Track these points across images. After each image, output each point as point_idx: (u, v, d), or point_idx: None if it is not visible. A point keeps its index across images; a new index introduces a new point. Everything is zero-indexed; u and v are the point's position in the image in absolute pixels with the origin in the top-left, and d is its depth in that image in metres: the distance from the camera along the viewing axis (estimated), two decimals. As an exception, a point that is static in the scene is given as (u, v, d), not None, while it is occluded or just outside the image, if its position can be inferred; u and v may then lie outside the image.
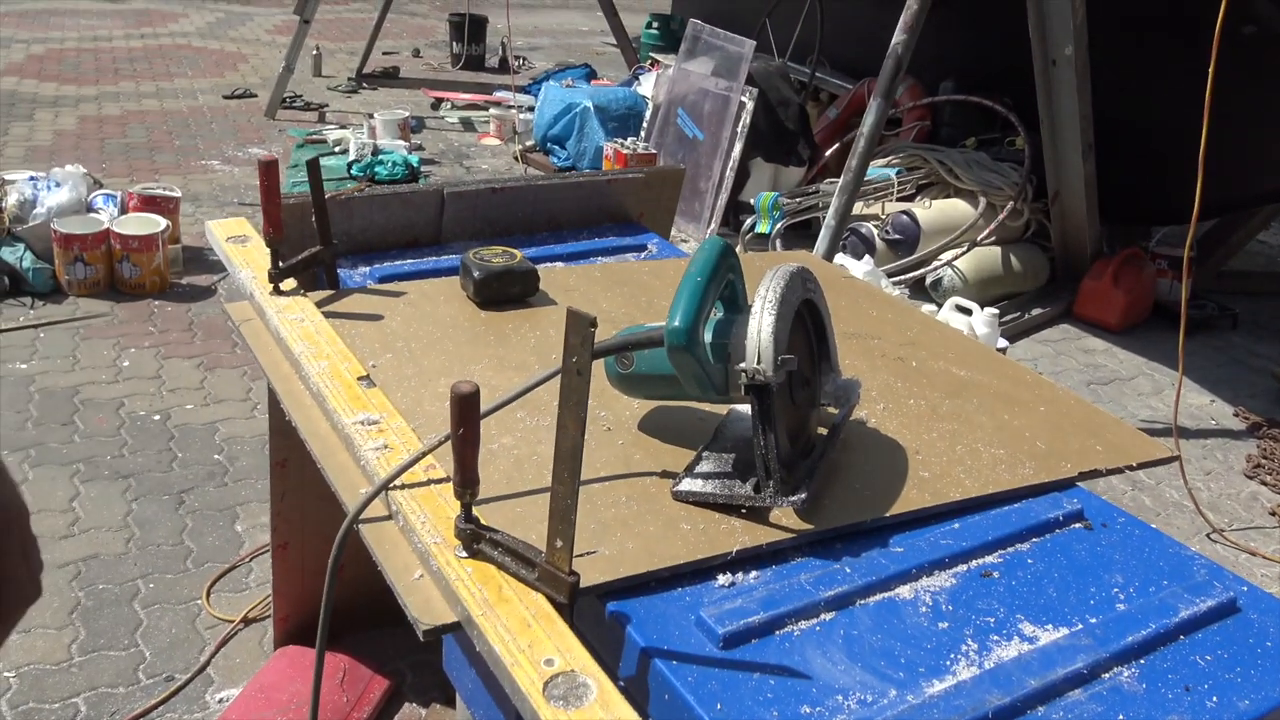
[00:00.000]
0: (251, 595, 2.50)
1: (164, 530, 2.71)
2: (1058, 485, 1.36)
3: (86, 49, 8.06)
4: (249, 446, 3.11)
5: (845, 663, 1.03)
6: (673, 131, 5.42)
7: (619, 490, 1.25)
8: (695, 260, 1.26)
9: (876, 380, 1.58)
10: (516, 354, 1.56)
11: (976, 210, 4.72)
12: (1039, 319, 4.55)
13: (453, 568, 1.05)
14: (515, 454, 1.31)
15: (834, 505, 1.24)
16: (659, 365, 1.29)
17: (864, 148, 3.64)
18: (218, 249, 1.83)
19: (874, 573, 1.15)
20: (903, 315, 1.86)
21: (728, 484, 1.23)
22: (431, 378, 1.46)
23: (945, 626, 1.09)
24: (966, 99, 5.23)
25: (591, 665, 0.93)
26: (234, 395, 3.40)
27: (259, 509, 2.78)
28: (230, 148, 5.96)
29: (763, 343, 1.17)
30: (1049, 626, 1.10)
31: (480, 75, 8.41)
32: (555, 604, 1.01)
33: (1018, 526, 1.26)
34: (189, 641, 2.35)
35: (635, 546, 1.14)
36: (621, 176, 2.21)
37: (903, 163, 5.02)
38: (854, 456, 1.35)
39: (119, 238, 3.96)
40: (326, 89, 7.46)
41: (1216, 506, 3.29)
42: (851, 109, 5.87)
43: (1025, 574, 1.19)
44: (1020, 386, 1.61)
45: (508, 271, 1.71)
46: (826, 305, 1.36)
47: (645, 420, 1.41)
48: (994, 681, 1.01)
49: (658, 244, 2.13)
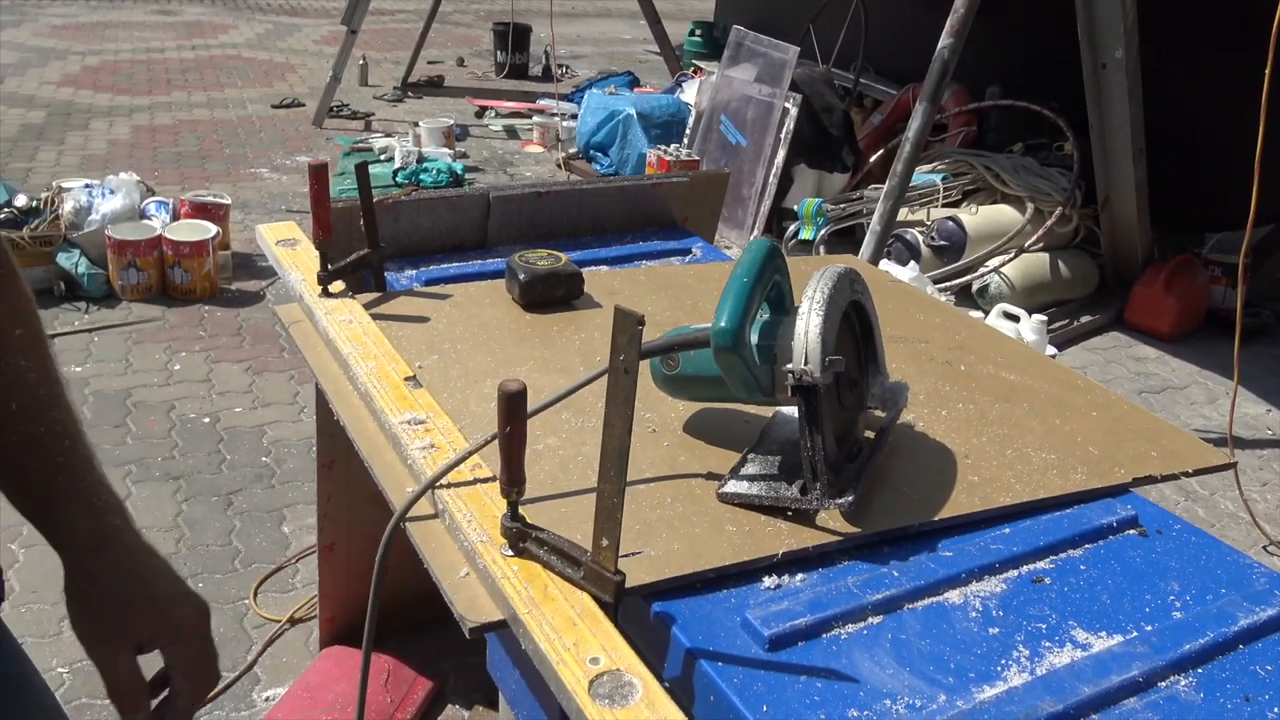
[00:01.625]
0: (298, 596, 2.53)
1: (213, 531, 2.75)
2: (1111, 491, 1.33)
3: (140, 60, 8.23)
4: (296, 449, 3.15)
5: (893, 666, 1.01)
6: (716, 138, 5.42)
7: (664, 491, 1.25)
8: (741, 262, 1.25)
9: (924, 384, 1.56)
10: (561, 356, 1.57)
11: (1024, 216, 4.66)
12: (1088, 326, 4.48)
13: (499, 566, 1.05)
14: (560, 455, 1.31)
15: (881, 509, 1.23)
16: (705, 366, 1.28)
17: (909, 153, 3.61)
18: (267, 252, 1.85)
19: (922, 577, 1.14)
20: (950, 319, 1.83)
21: (774, 486, 1.22)
22: (477, 379, 1.47)
23: (996, 632, 1.07)
24: (1013, 104, 5.17)
25: (637, 664, 0.93)
26: (281, 399, 3.45)
27: (306, 511, 2.81)
28: (278, 156, 6.05)
29: (810, 343, 1.16)
30: (1103, 633, 1.08)
31: (524, 84, 8.46)
32: (601, 603, 1.01)
33: (1070, 532, 1.24)
34: (236, 640, 2.38)
35: (681, 547, 1.14)
36: (666, 180, 2.21)
37: (948, 168, 4.97)
38: (901, 460, 1.34)
39: (170, 244, 4.04)
40: (373, 98, 7.55)
41: (1273, 518, 3.21)
42: (896, 115, 5.83)
43: (1078, 580, 1.17)
44: (1072, 391, 1.59)
45: (553, 274, 1.72)
46: (874, 307, 1.35)
47: (691, 422, 1.40)
48: (1046, 688, 0.99)
49: (702, 248, 2.13)
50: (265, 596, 2.53)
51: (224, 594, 2.53)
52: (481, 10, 11.94)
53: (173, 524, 2.77)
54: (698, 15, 9.74)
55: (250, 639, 2.39)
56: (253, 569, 2.62)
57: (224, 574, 2.60)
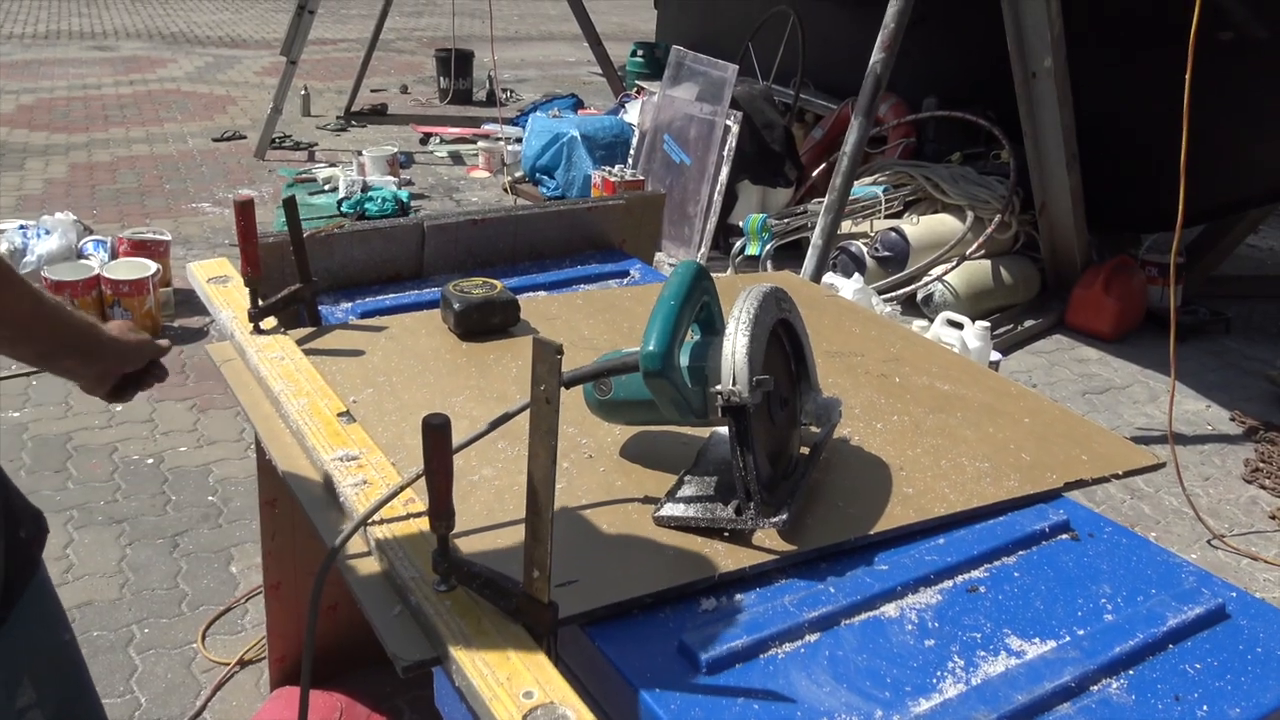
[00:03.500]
0: (247, 637, 2.48)
1: (158, 574, 2.70)
2: (1044, 496, 1.35)
3: (76, 97, 8.12)
4: (243, 487, 3.10)
5: (831, 684, 1.02)
6: (660, 158, 5.44)
7: (601, 517, 1.25)
8: (669, 285, 1.26)
9: (859, 397, 1.57)
10: (498, 384, 1.56)
11: (964, 224, 4.73)
12: (1032, 330, 4.55)
13: (430, 602, 1.04)
14: (496, 485, 1.30)
15: (817, 525, 1.23)
16: (637, 391, 1.28)
17: (847, 167, 3.66)
18: (199, 290, 1.83)
19: (859, 592, 1.14)
20: (885, 331, 1.85)
21: (709, 507, 1.22)
22: (412, 411, 1.46)
23: (931, 644, 1.08)
24: (950, 114, 5.25)
25: (571, 696, 0.92)
26: (227, 436, 3.40)
27: (254, 550, 2.76)
28: (221, 190, 5.98)
29: (737, 364, 1.17)
30: (1036, 640, 1.09)
31: (468, 109, 8.46)
32: (535, 634, 1.00)
33: (1003, 540, 1.25)
34: (185, 686, 2.33)
35: (617, 573, 1.14)
36: (602, 204, 2.21)
37: (889, 180, 5.04)
38: (837, 475, 1.35)
39: (109, 283, 3.97)
40: (315, 128, 7.50)
41: (1216, 512, 3.28)
42: (837, 129, 5.89)
43: (1012, 587, 1.18)
44: (1004, 399, 1.61)
45: (488, 302, 1.71)
46: (803, 324, 1.36)
47: (627, 446, 1.40)
48: (981, 698, 1.00)
49: (640, 269, 2.14)
50: (214, 639, 2.48)
51: (171, 638, 2.47)
52: (424, 37, 11.94)
53: (116, 569, 2.71)
54: (639, 36, 9.80)
55: (199, 683, 2.34)
56: (200, 611, 2.57)
57: (170, 618, 2.54)
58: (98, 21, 12.06)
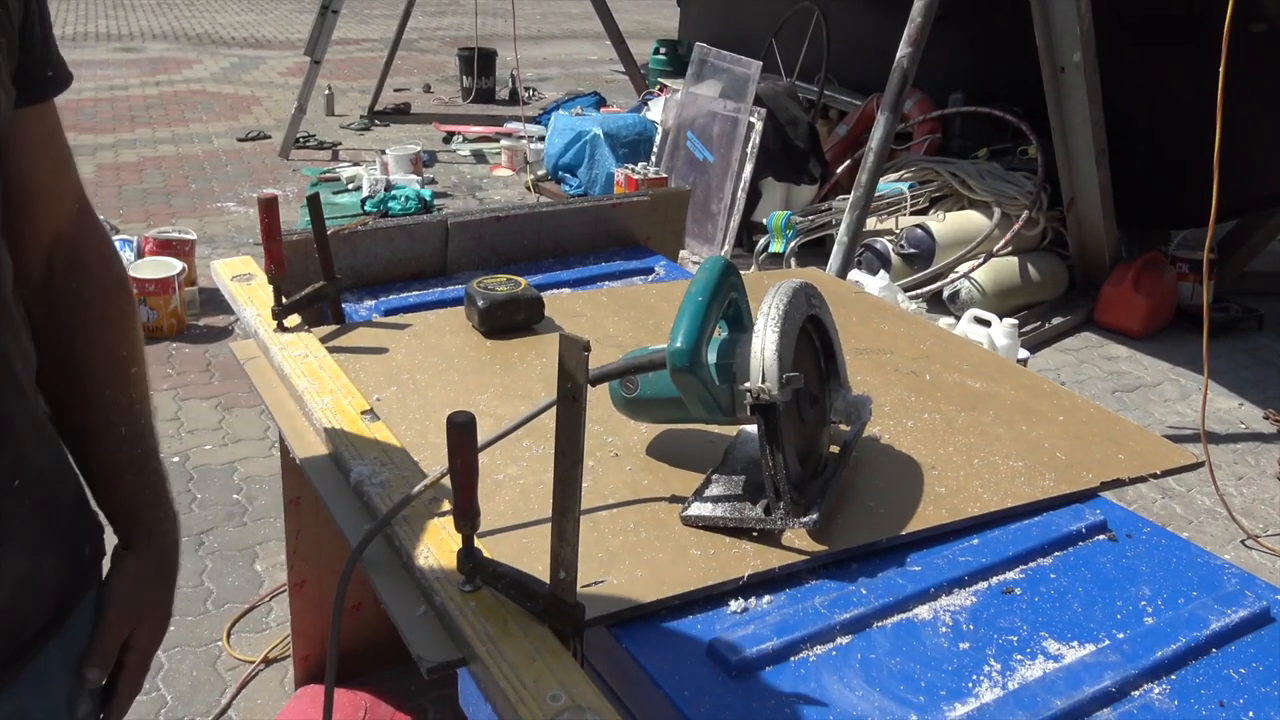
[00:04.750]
0: (272, 635, 2.48)
1: (184, 572, 2.70)
2: (1080, 496, 1.32)
3: (103, 98, 8.18)
4: (268, 485, 3.10)
5: (863, 688, 0.99)
6: (683, 155, 5.42)
7: (628, 517, 1.23)
8: (696, 280, 1.24)
9: (890, 395, 1.54)
10: (522, 382, 1.55)
11: (991, 221, 4.68)
12: (1060, 328, 4.50)
13: (455, 602, 1.02)
14: (521, 484, 1.28)
15: (848, 525, 1.21)
16: (664, 388, 1.26)
17: (873, 163, 3.62)
18: (223, 288, 1.82)
19: (891, 593, 1.12)
20: (915, 329, 1.82)
21: (738, 507, 1.20)
22: (436, 409, 1.44)
23: (966, 647, 1.06)
24: (976, 110, 5.20)
25: (598, 700, 0.90)
26: (252, 434, 3.40)
27: (278, 548, 2.76)
28: (245, 189, 6.01)
29: (766, 361, 1.14)
30: (1074, 643, 1.06)
31: (491, 108, 8.47)
32: (561, 636, 0.98)
33: (1039, 540, 1.23)
34: (210, 684, 2.33)
35: (644, 574, 1.12)
36: (626, 200, 2.19)
37: (915, 176, 4.99)
38: (867, 474, 1.32)
39: (136, 282, 3.99)
40: (339, 127, 7.53)
41: (1250, 512, 3.22)
42: (861, 125, 5.85)
43: (1048, 589, 1.15)
44: (1038, 396, 1.58)
45: (512, 300, 1.70)
46: (833, 320, 1.34)
47: (653, 445, 1.38)
48: (1018, 703, 0.97)
49: (665, 266, 2.12)
50: (239, 637, 2.49)
51: (196, 636, 2.48)
52: (447, 36, 11.97)
53: (142, 567, 2.71)
54: (662, 34, 9.78)
55: (224, 681, 2.34)
56: (225, 609, 2.57)
57: (196, 616, 2.55)
58: (124, 23, 12.16)
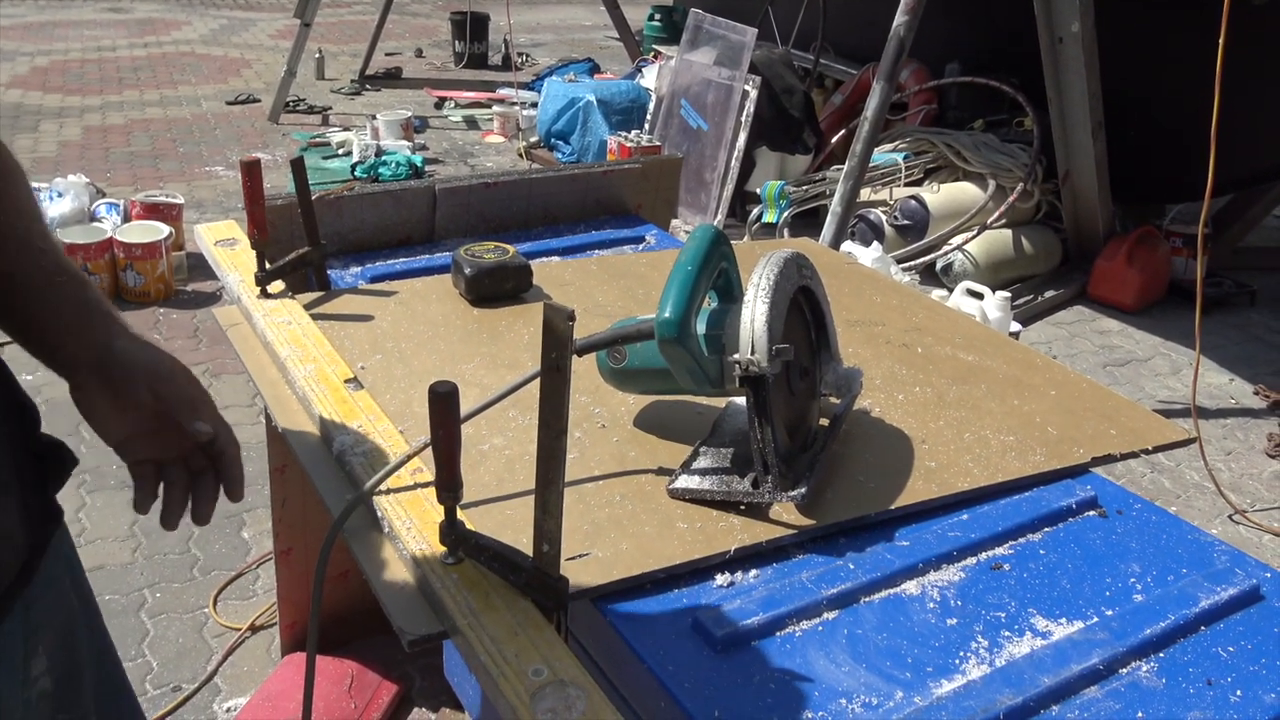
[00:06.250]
0: (259, 602, 2.48)
1: (170, 539, 2.69)
2: (1071, 472, 1.31)
3: (90, 59, 8.07)
4: (256, 452, 3.08)
5: (849, 664, 0.99)
6: (676, 123, 5.37)
7: (614, 489, 1.21)
8: (686, 249, 1.21)
9: (880, 368, 1.53)
10: (510, 351, 1.52)
11: (986, 193, 4.65)
12: (1053, 301, 4.49)
13: (438, 575, 1.01)
14: (506, 454, 1.27)
15: (836, 499, 1.20)
16: (652, 359, 1.24)
17: (868, 132, 3.58)
18: (206, 253, 1.80)
19: (879, 568, 1.11)
20: (907, 301, 1.81)
21: (725, 480, 1.19)
22: (421, 378, 1.42)
23: (954, 623, 1.05)
24: (973, 80, 5.16)
25: (581, 675, 0.89)
26: (240, 401, 3.38)
27: (266, 515, 2.74)
28: (234, 153, 5.95)
29: (756, 332, 1.12)
30: (1063, 620, 1.05)
31: (483, 73, 8.37)
32: (545, 609, 0.97)
33: (1029, 516, 1.21)
34: (196, 651, 2.33)
35: (630, 547, 1.10)
36: (618, 168, 2.16)
37: (909, 147, 4.95)
38: (857, 448, 1.31)
39: (122, 246, 3.95)
40: (330, 92, 7.44)
41: (1238, 487, 3.23)
42: (857, 95, 5.79)
43: (1037, 565, 1.14)
44: (1030, 370, 1.56)
45: (500, 267, 1.67)
46: (825, 292, 1.32)
47: (641, 416, 1.37)
48: (1006, 680, 0.96)
49: (656, 235, 2.09)
50: (225, 604, 2.48)
51: (183, 603, 2.47)
52: (439, 0, 11.80)
53: (129, 533, 2.70)
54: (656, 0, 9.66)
55: (210, 648, 2.34)
56: (212, 576, 2.56)
57: (182, 583, 2.54)
58: (112, -17, 11.97)
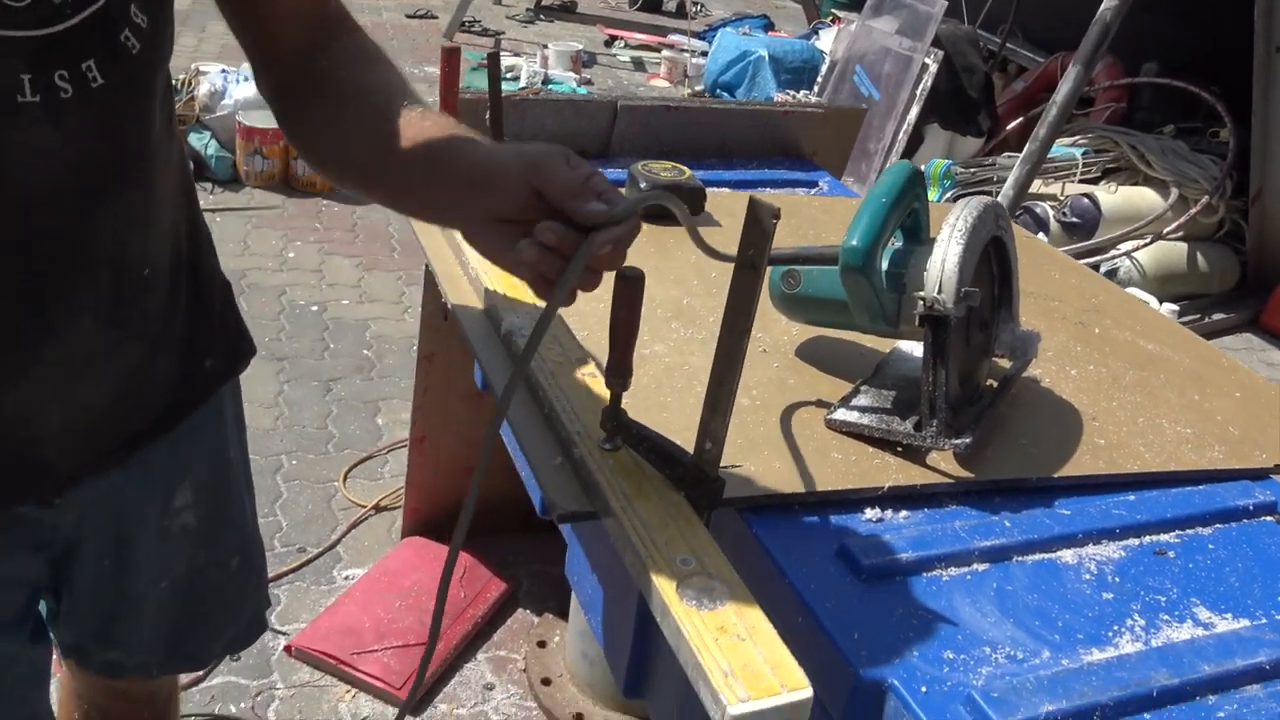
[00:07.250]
0: (385, 485, 2.57)
1: (310, 414, 2.82)
2: (1251, 474, 1.23)
3: (286, -42, 8.35)
4: (397, 346, 3.19)
5: (996, 615, 0.96)
6: (848, 89, 5.24)
7: (771, 412, 1.20)
8: (881, 182, 1.18)
9: (1054, 341, 1.47)
10: (676, 269, 1.52)
11: (1166, 202, 4.41)
12: (1220, 324, 4.24)
13: (594, 458, 1.02)
14: (666, 362, 1.27)
15: (997, 458, 1.16)
16: (829, 288, 1.22)
17: (1055, 117, 3.43)
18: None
19: (1035, 531, 1.07)
20: (1088, 281, 1.73)
21: (886, 419, 1.16)
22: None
23: (1110, 597, 1.00)
24: (1170, 83, 4.87)
25: (728, 570, 0.89)
26: (388, 297, 3.49)
27: (400, 406, 2.85)
28: (407, 65, 6.09)
29: (946, 271, 1.09)
30: (1228, 615, 1.00)
31: (657, 17, 8.32)
32: (696, 506, 0.97)
33: (1200, 509, 1.15)
34: (323, 519, 2.43)
35: (782, 467, 1.10)
36: (799, 109, 2.13)
37: (1090, 144, 4.72)
38: (1024, 413, 1.26)
39: (298, 136, 4.10)
40: (505, 17, 7.54)
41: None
42: (1040, 84, 5.54)
43: (1204, 558, 1.09)
44: (1214, 369, 1.48)
45: (675, 186, 1.67)
46: (1015, 247, 1.27)
47: (803, 347, 1.35)
48: (1162, 660, 0.92)
49: (829, 182, 2.05)
50: (354, 482, 2.58)
51: (315, 474, 2.58)
52: (622, -59, 11.77)
53: (273, 402, 2.84)
54: (842, -36, 9.41)
55: (336, 519, 2.44)
56: (345, 454, 2.67)
57: (317, 455, 2.65)
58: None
